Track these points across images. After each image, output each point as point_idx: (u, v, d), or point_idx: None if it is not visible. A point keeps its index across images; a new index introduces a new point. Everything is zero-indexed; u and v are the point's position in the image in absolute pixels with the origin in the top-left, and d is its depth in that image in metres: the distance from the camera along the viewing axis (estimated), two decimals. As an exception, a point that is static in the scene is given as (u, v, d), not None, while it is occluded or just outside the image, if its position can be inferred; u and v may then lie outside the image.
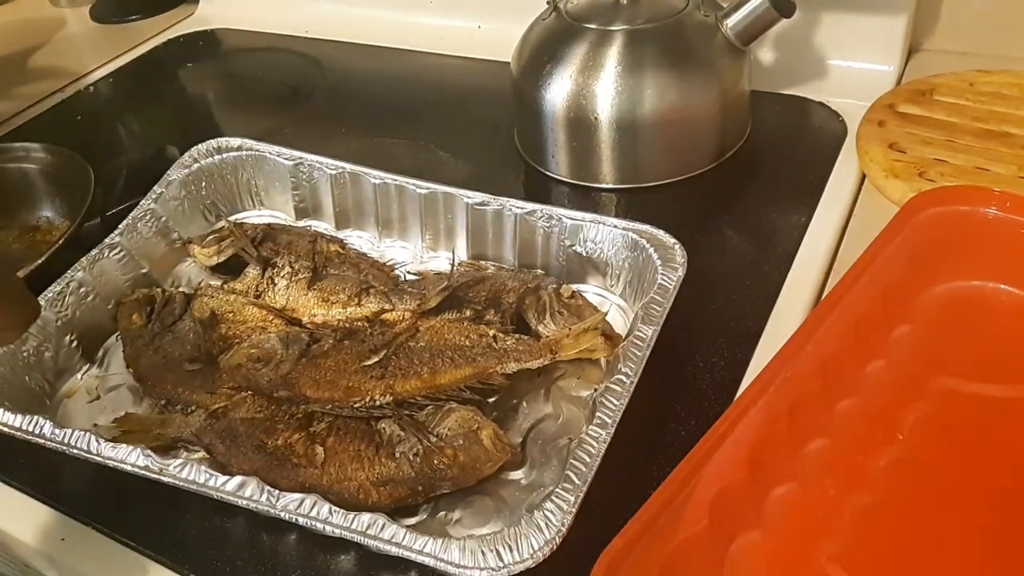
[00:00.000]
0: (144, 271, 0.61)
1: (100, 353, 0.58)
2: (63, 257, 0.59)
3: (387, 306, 0.55)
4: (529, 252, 0.58)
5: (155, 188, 0.64)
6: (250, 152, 0.66)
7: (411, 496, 0.45)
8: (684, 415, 0.49)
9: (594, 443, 0.42)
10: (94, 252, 0.58)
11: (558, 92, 0.65)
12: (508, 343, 0.50)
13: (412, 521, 0.45)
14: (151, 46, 1.02)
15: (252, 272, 0.59)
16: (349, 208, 0.64)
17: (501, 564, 0.38)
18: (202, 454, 0.49)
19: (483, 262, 0.60)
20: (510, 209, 0.57)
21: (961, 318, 0.50)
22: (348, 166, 0.63)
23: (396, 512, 0.44)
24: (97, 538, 0.47)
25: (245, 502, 0.42)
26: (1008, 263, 0.51)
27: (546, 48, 0.67)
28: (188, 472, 0.43)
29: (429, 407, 0.48)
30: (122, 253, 0.60)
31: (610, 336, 0.50)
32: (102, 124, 0.89)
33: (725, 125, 0.68)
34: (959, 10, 0.76)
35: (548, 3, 0.69)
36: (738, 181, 0.67)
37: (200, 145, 0.67)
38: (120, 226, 0.61)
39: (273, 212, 0.68)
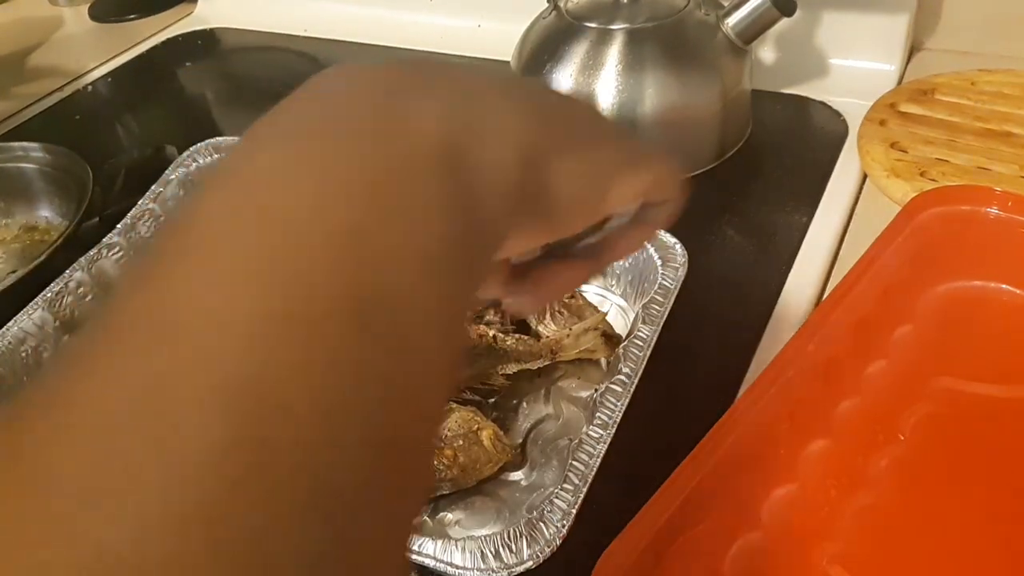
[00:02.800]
0: (143, 271, 0.61)
1: (98, 353, 0.57)
2: (61, 257, 0.59)
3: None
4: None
5: (154, 188, 0.63)
6: (249, 151, 0.66)
7: (411, 497, 0.45)
8: (685, 415, 0.48)
9: (594, 444, 0.41)
10: (92, 252, 0.58)
11: (558, 91, 0.65)
12: (508, 343, 0.50)
13: (412, 522, 0.45)
14: (150, 45, 1.02)
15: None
16: (348, 208, 0.64)
17: (501, 565, 0.38)
18: (201, 455, 0.48)
19: (483, 262, 0.59)
20: (510, 209, 0.57)
21: (963, 318, 0.50)
22: (347, 165, 0.63)
23: (395, 513, 0.44)
24: (95, 539, 0.47)
25: (244, 503, 0.42)
26: (1010, 263, 0.50)
27: (546, 47, 0.67)
28: (186, 473, 0.43)
29: (429, 407, 0.48)
30: (121, 253, 0.59)
31: (610, 336, 0.50)
32: (101, 123, 0.89)
33: (726, 124, 0.67)
34: (961, 9, 0.76)
35: (548, 2, 0.69)
36: (739, 180, 0.67)
37: (199, 144, 0.67)
38: (119, 226, 0.61)
39: (272, 212, 0.68)
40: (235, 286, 0.16)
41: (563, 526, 0.38)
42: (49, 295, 0.55)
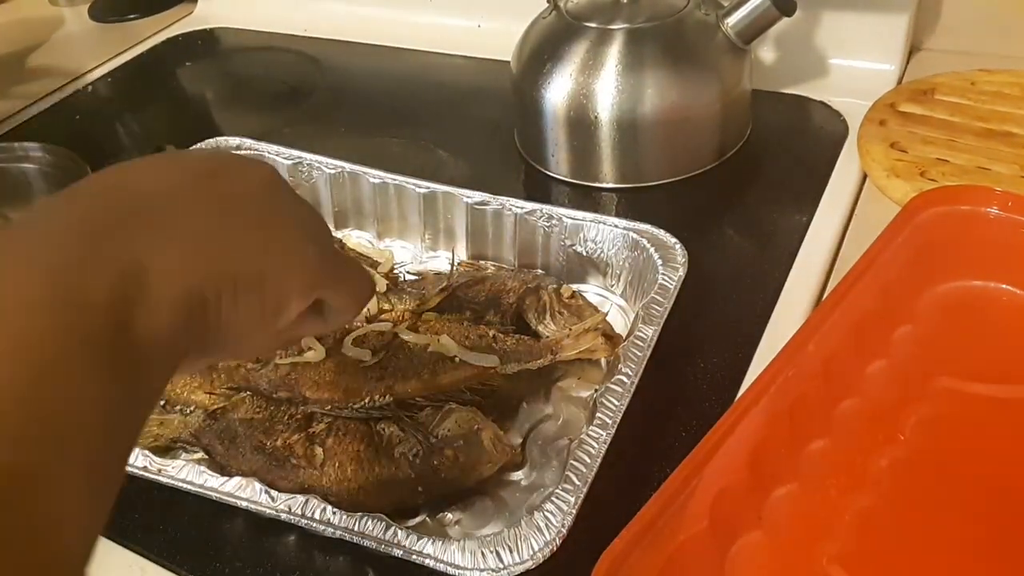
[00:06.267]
0: (143, 271, 0.61)
1: (99, 353, 0.57)
2: None
3: (387, 306, 0.55)
4: (529, 252, 0.58)
5: (154, 188, 0.63)
6: (249, 152, 0.66)
7: (411, 497, 0.45)
8: (685, 415, 0.48)
9: (594, 444, 0.42)
10: (92, 252, 0.58)
11: (558, 91, 0.65)
12: (508, 343, 0.50)
13: (412, 522, 0.45)
14: (150, 45, 1.02)
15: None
16: (348, 208, 0.64)
17: (501, 565, 0.38)
18: (201, 455, 0.49)
19: (483, 262, 0.60)
20: (510, 209, 0.57)
21: (963, 318, 0.50)
22: (347, 166, 0.63)
23: (396, 513, 0.44)
24: (96, 539, 0.47)
25: (244, 503, 0.42)
26: (1010, 263, 0.50)
27: (546, 47, 0.67)
28: (187, 473, 0.43)
29: (429, 408, 0.48)
30: (121, 253, 0.59)
31: (610, 336, 0.50)
32: (101, 123, 0.89)
33: (726, 124, 0.68)
34: (960, 9, 0.76)
35: (548, 2, 0.69)
36: (739, 180, 0.67)
37: (199, 145, 0.67)
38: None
39: (272, 212, 0.68)
40: None
41: (563, 526, 0.38)
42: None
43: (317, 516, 0.41)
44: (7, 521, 0.19)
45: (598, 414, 0.43)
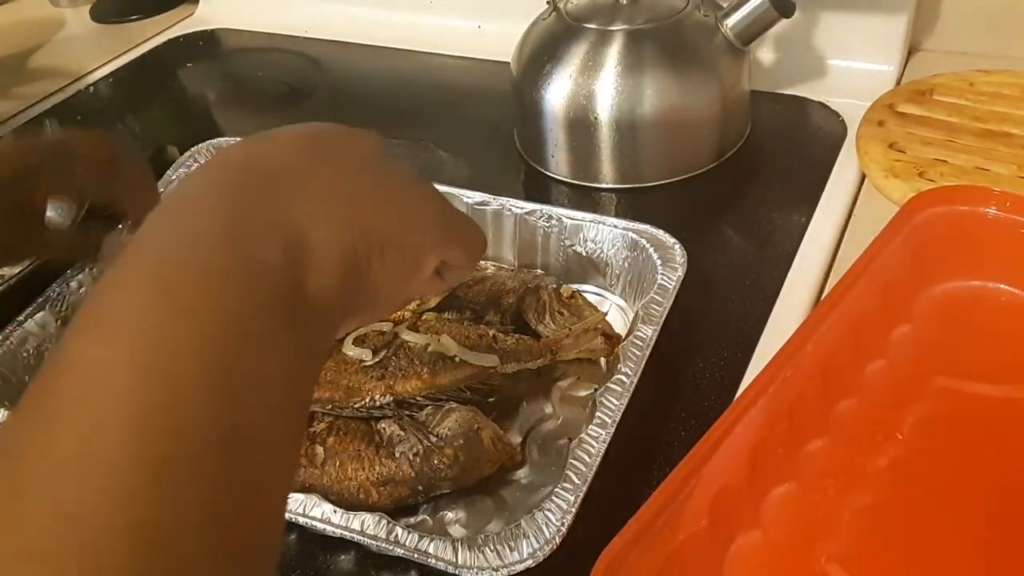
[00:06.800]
0: (144, 271, 0.61)
1: (100, 353, 0.57)
2: (63, 256, 0.59)
3: (387, 306, 0.55)
4: (529, 252, 0.58)
5: (155, 188, 0.64)
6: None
7: (411, 496, 0.45)
8: (684, 415, 0.49)
9: (594, 443, 0.42)
10: (94, 252, 0.59)
11: (558, 92, 0.65)
12: (508, 343, 0.50)
13: (412, 521, 0.45)
14: (151, 46, 1.02)
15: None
16: (349, 208, 0.64)
17: (501, 564, 0.38)
18: (202, 454, 0.49)
19: (483, 262, 0.60)
20: (510, 209, 0.57)
21: (961, 318, 0.50)
22: (348, 166, 0.63)
23: (396, 512, 0.44)
24: (97, 538, 0.47)
25: (245, 502, 0.42)
26: (1008, 263, 0.51)
27: (546, 48, 0.67)
28: (188, 472, 0.43)
29: (429, 407, 0.48)
30: (122, 253, 0.59)
31: (610, 336, 0.50)
32: (102, 124, 0.89)
33: (725, 125, 0.68)
34: (959, 10, 0.76)
35: (548, 3, 0.69)
36: (738, 181, 0.67)
37: (200, 145, 0.67)
38: (120, 226, 0.61)
39: (273, 212, 0.68)
40: (112, 435, 0.18)
41: (563, 524, 0.39)
42: (51, 294, 0.55)
43: (318, 515, 0.41)
44: (233, 478, 0.20)
45: (597, 413, 0.43)
